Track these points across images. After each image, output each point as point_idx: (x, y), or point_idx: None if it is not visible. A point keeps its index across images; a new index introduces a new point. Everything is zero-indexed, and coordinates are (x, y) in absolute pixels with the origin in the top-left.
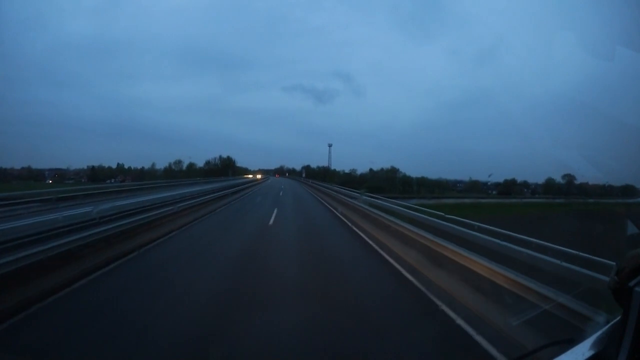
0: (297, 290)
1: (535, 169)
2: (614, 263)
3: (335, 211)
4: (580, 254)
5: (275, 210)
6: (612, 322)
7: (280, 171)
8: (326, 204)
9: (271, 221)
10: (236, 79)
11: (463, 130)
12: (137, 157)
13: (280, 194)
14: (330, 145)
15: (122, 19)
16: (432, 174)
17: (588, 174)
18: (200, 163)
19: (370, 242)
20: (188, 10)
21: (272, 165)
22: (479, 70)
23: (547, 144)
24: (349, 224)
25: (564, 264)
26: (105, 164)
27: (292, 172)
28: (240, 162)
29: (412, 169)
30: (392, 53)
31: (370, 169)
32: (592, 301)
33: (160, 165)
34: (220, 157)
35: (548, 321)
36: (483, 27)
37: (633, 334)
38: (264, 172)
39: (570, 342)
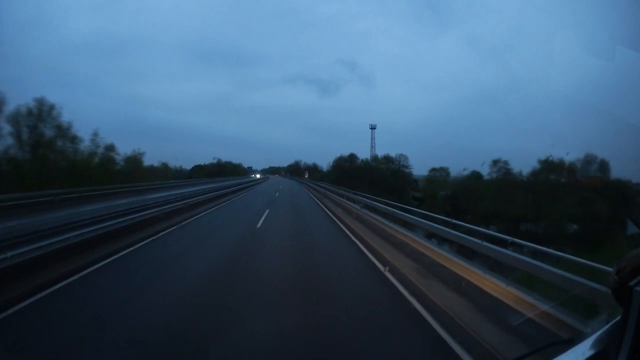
0: None
1: None
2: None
3: None
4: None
5: None
6: (612, 322)
7: (296, 169)
8: None
9: None
10: (246, 75)
11: (479, 125)
12: (146, 156)
13: None
14: (373, 128)
15: (127, 17)
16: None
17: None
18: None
19: None
20: (194, 6)
21: (285, 162)
22: (494, 65)
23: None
24: None
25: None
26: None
27: (313, 171)
28: (249, 161)
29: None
30: (406, 44)
31: (541, 164)
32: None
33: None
34: None
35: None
36: (497, 22)
37: (633, 334)
38: (274, 170)
39: (570, 342)
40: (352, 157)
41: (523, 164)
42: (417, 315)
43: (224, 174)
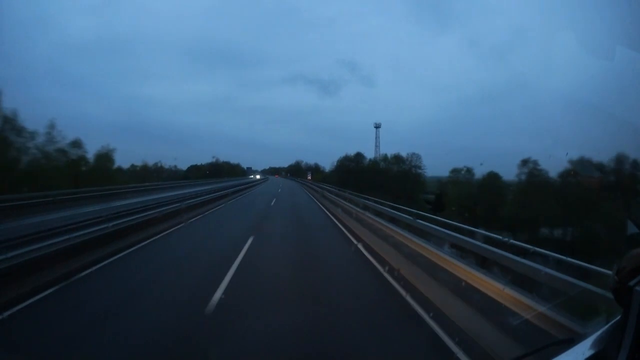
0: None
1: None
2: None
3: None
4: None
5: None
6: (612, 322)
7: (297, 169)
8: None
9: None
10: (246, 76)
11: (479, 125)
12: (147, 156)
13: None
14: (377, 127)
15: (127, 17)
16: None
17: None
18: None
19: None
20: (195, 5)
21: (286, 162)
22: (494, 65)
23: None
24: None
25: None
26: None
27: (315, 171)
28: (250, 161)
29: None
30: (406, 44)
31: None
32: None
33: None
34: None
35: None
36: (497, 23)
37: (633, 333)
38: (275, 170)
39: (570, 342)
40: (359, 156)
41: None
42: None
43: (220, 175)
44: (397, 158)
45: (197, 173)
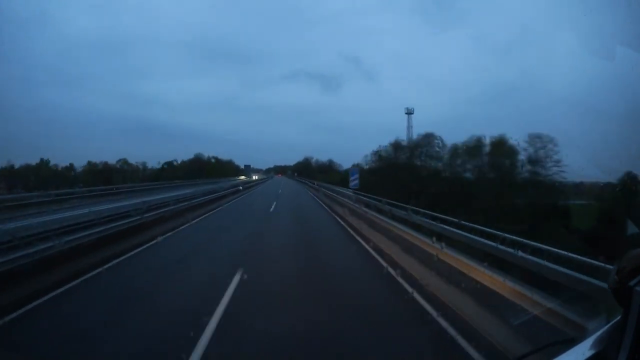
0: None
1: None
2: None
3: None
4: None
5: None
6: (612, 322)
7: (305, 167)
8: None
9: None
10: (250, 73)
11: (481, 126)
12: (151, 155)
13: None
14: (410, 113)
15: (126, 14)
16: None
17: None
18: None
19: None
20: (195, 3)
21: (293, 160)
22: (496, 64)
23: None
24: None
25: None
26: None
27: (329, 170)
28: (254, 160)
29: None
30: (414, 42)
31: None
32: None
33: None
34: None
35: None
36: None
37: (633, 333)
38: (280, 169)
39: (570, 342)
40: (430, 139)
41: None
42: None
43: (200, 176)
44: (500, 144)
45: (178, 172)
